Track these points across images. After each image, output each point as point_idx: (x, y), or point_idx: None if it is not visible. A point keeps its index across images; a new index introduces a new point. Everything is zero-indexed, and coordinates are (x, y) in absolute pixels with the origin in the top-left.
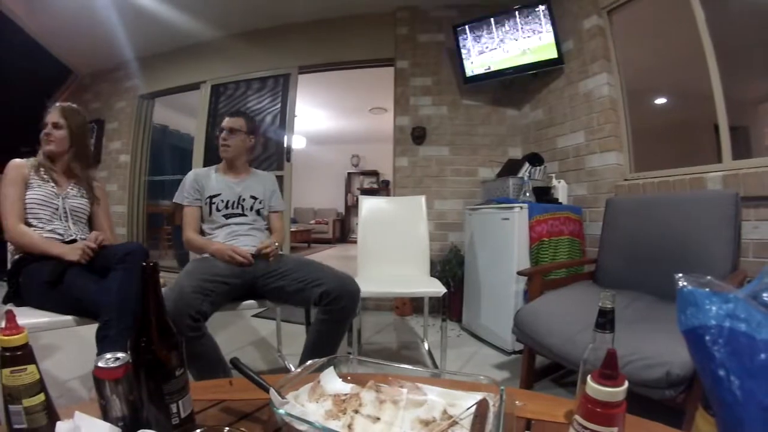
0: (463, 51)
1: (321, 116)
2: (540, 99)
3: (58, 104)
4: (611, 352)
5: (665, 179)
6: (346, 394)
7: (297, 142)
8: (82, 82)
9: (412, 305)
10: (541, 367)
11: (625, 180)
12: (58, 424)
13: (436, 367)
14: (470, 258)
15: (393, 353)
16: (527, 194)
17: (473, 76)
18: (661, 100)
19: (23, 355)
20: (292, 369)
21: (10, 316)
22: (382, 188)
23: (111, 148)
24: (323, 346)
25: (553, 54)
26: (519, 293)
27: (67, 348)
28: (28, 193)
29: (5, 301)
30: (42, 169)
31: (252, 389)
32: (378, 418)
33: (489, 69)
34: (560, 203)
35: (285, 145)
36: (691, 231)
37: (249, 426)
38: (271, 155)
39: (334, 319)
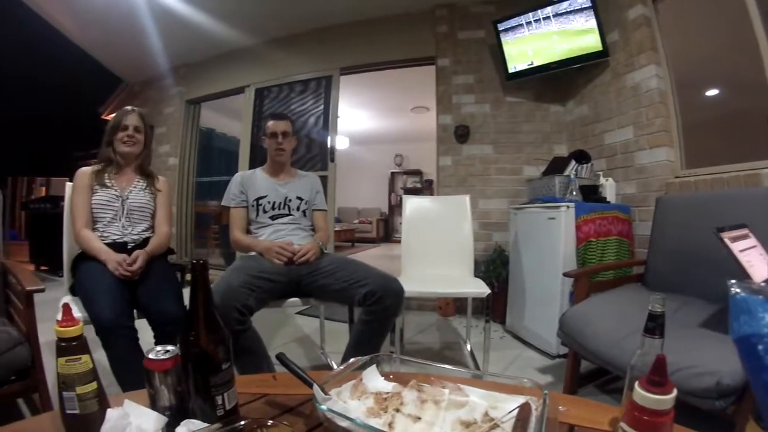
0: (505, 47)
1: (363, 116)
2: (585, 94)
3: (133, 109)
4: (660, 358)
5: (718, 176)
6: (387, 393)
7: (340, 142)
8: (131, 90)
9: (455, 305)
10: (586, 372)
11: (676, 177)
12: (109, 411)
13: (478, 368)
14: (515, 258)
15: (435, 353)
16: (574, 193)
17: (515, 73)
18: (712, 92)
19: (78, 345)
20: (334, 366)
21: (67, 309)
22: (425, 187)
23: (160, 152)
24: (366, 345)
25: (597, 47)
26: (565, 295)
27: None
28: (93, 197)
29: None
30: (105, 174)
31: (295, 384)
32: (419, 418)
33: (531, 64)
34: (608, 202)
35: (328, 146)
36: None
37: (291, 420)
38: (315, 156)
39: (377, 318)
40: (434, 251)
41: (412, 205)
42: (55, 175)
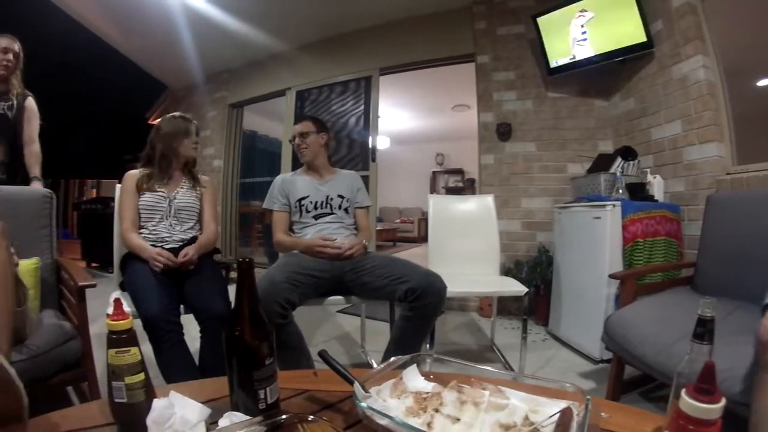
0: (545, 41)
1: (404, 116)
2: (630, 87)
3: (192, 119)
4: (709, 365)
5: None
6: (427, 393)
7: (381, 142)
8: (176, 96)
9: (496, 306)
10: (630, 378)
11: (728, 174)
12: (155, 401)
13: (518, 371)
14: (559, 259)
15: (474, 354)
16: (620, 191)
17: (557, 67)
18: (763, 82)
19: (127, 338)
20: (374, 365)
21: (118, 304)
22: (467, 187)
23: (205, 154)
24: (407, 343)
25: (641, 37)
26: (610, 298)
27: None
28: (140, 200)
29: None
30: (156, 176)
31: (335, 381)
32: (458, 419)
33: (573, 58)
34: (656, 200)
35: (369, 146)
36: None
37: (331, 416)
38: (356, 156)
39: (418, 315)
40: (460, 251)
41: (436, 204)
42: (105, 177)
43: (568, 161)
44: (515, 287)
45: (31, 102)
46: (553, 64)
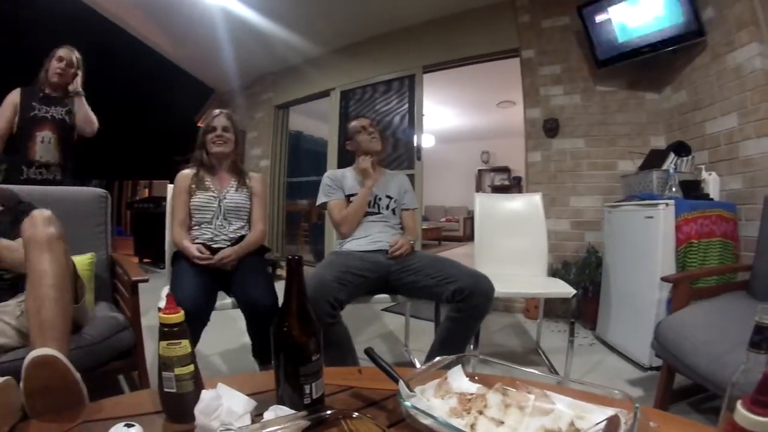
0: (591, 33)
1: (448, 114)
2: (682, 79)
3: (221, 111)
4: (767, 375)
5: None
6: (472, 394)
7: (426, 140)
8: (222, 98)
9: (542, 308)
10: (679, 387)
11: None
12: (203, 392)
13: (564, 375)
14: (609, 260)
15: (519, 357)
16: (673, 189)
17: (605, 59)
18: None
19: (178, 331)
20: (417, 364)
21: (170, 299)
22: (513, 185)
23: (252, 155)
24: (452, 344)
25: (692, 25)
26: (662, 302)
27: (211, 327)
28: (192, 200)
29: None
30: (204, 176)
31: (380, 379)
32: (502, 422)
33: (621, 49)
34: (711, 199)
35: (414, 145)
36: None
37: (374, 413)
38: (401, 155)
39: (465, 317)
40: (507, 251)
41: (483, 203)
42: (156, 178)
43: (618, 158)
44: (563, 289)
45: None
46: (600, 56)
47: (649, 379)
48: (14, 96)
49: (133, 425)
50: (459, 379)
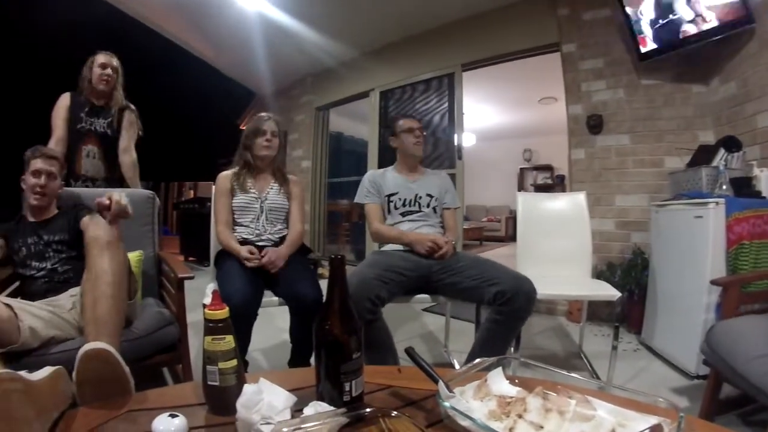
0: (634, 24)
1: (489, 111)
2: (731, 69)
3: (270, 116)
4: None
5: None
6: (511, 397)
7: (467, 139)
8: (264, 102)
9: (586, 311)
10: (727, 398)
11: None
12: (246, 386)
13: (606, 381)
14: (656, 262)
15: (560, 360)
16: (723, 187)
17: (649, 52)
18: None
19: (223, 326)
20: (456, 365)
21: (216, 295)
22: (557, 184)
23: (294, 156)
24: (493, 346)
25: (739, 11)
26: (711, 306)
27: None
28: (234, 200)
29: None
30: (246, 177)
31: (419, 379)
32: (541, 427)
33: (666, 41)
34: (764, 197)
35: (455, 144)
36: None
37: (413, 413)
38: (442, 154)
39: (507, 319)
40: (550, 251)
41: (525, 202)
42: (201, 179)
43: (665, 154)
44: (607, 291)
45: (130, 114)
46: (644, 48)
47: (695, 388)
48: (65, 100)
49: (177, 415)
50: (499, 382)
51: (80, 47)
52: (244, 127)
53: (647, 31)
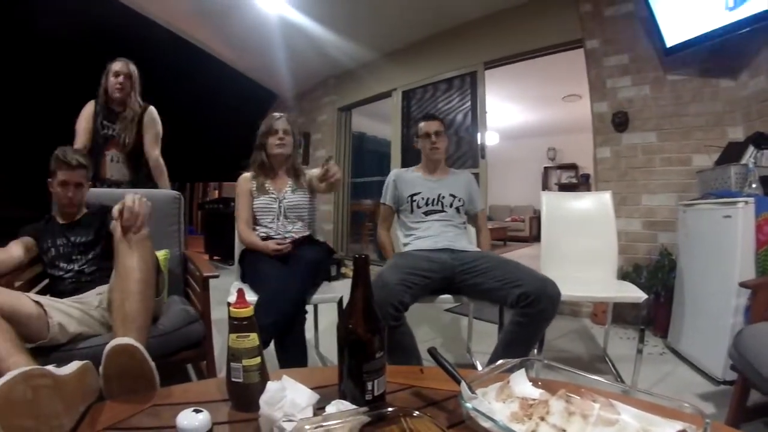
0: (658, 18)
1: (512, 110)
2: (761, 62)
3: (281, 114)
4: None
5: None
6: (534, 399)
7: (490, 138)
8: (286, 103)
9: (611, 313)
10: (754, 405)
11: None
12: (269, 383)
13: (631, 385)
14: (683, 263)
15: (584, 363)
16: (753, 185)
17: (674, 46)
18: None
19: (248, 324)
20: (479, 366)
21: (241, 293)
22: (581, 183)
23: (317, 156)
24: (516, 348)
25: (766, 3)
26: (739, 310)
27: None
28: (254, 202)
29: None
30: (263, 178)
31: (441, 379)
32: (564, 430)
33: (691, 34)
34: None
35: (478, 143)
36: None
37: (434, 413)
38: (465, 153)
39: (530, 321)
40: (575, 252)
41: (550, 202)
42: (225, 180)
43: (692, 152)
44: (633, 293)
45: (150, 113)
46: (669, 42)
47: (721, 394)
48: (90, 108)
49: (201, 411)
50: (522, 384)
51: (105, 52)
52: (263, 125)
53: (670, 25)
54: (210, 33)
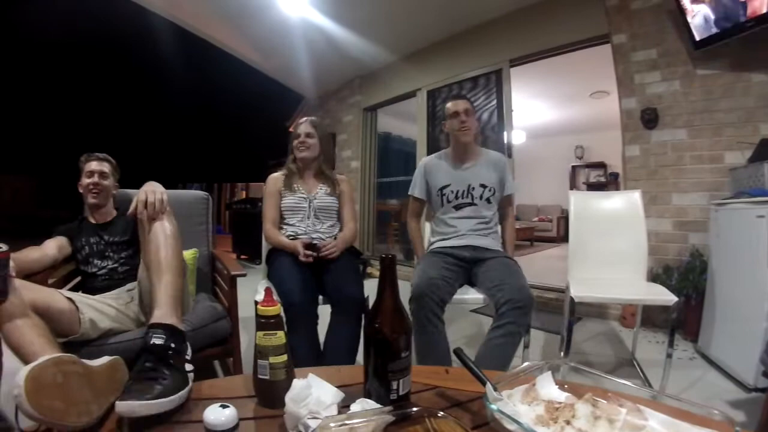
0: (687, 10)
1: (539, 108)
2: None
3: (307, 118)
4: None
5: None
6: (560, 403)
7: (516, 137)
8: (311, 104)
9: (640, 315)
10: None
11: None
12: (295, 381)
13: (659, 390)
14: (715, 265)
15: (612, 367)
16: None
17: (704, 39)
18: None
19: (275, 323)
20: None
21: (268, 292)
22: (610, 182)
23: (343, 156)
24: (490, 357)
25: None
26: None
27: None
28: (282, 201)
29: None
30: (293, 179)
31: (466, 380)
32: None
33: (722, 26)
34: None
35: (504, 142)
36: None
37: (459, 414)
38: None
39: (504, 331)
40: (603, 252)
41: (578, 201)
42: (252, 181)
43: (724, 149)
44: (663, 296)
45: None
46: (698, 35)
47: (752, 402)
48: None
49: (228, 406)
50: (548, 386)
51: (136, 59)
52: (292, 130)
53: (699, 17)
54: (235, 37)
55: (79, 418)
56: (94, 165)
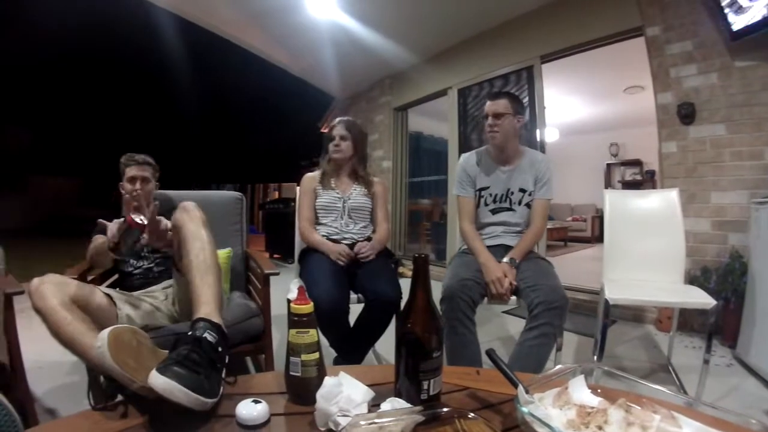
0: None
1: (572, 104)
2: None
3: (341, 119)
4: None
5: None
6: (592, 407)
7: (549, 134)
8: (342, 105)
9: (676, 319)
10: None
11: None
12: (326, 378)
13: (695, 397)
14: (756, 267)
15: (646, 372)
16: None
17: (743, 29)
18: None
19: (308, 321)
20: None
21: (302, 290)
22: (646, 180)
23: (375, 156)
24: (524, 359)
25: None
26: None
27: None
28: (317, 200)
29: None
30: (329, 178)
31: (497, 382)
32: None
33: (762, 15)
34: None
35: (537, 140)
36: None
37: (489, 416)
38: None
39: (538, 333)
40: (639, 253)
41: (613, 200)
42: (285, 181)
43: (765, 145)
44: (701, 299)
45: None
46: (736, 25)
47: None
48: None
49: (260, 402)
50: (580, 390)
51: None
52: (324, 130)
53: (738, 6)
54: (267, 41)
55: (146, 380)
56: (135, 171)
